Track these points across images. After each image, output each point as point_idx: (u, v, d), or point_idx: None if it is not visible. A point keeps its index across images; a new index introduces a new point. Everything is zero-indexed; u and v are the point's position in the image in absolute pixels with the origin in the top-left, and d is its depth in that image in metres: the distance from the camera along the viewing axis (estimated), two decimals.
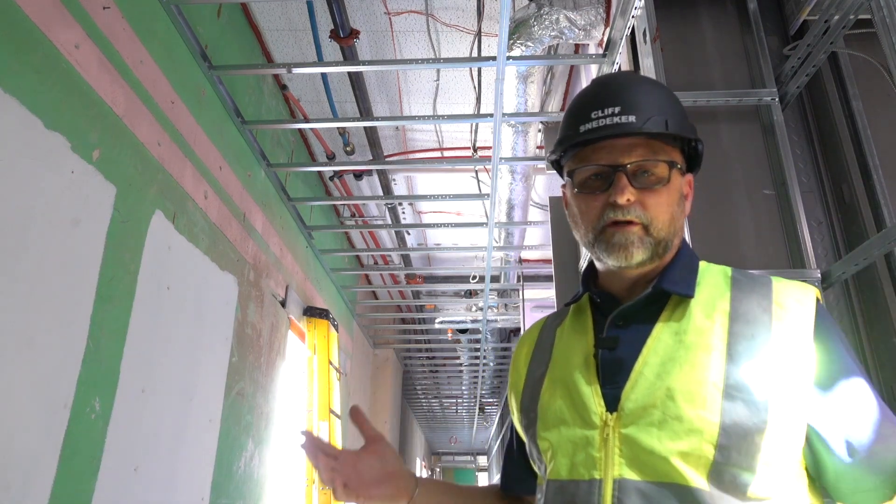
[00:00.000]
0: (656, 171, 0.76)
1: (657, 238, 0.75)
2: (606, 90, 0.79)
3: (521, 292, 5.24)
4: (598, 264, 0.83)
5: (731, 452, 0.65)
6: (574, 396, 0.76)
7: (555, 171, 0.88)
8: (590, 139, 0.77)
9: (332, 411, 4.07)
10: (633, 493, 0.67)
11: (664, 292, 0.76)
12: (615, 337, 0.77)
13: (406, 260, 5.27)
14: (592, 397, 0.74)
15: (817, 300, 0.73)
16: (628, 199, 0.74)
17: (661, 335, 0.73)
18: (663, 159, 0.76)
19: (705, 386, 0.67)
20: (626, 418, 0.70)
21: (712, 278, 0.78)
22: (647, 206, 0.75)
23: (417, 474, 0.94)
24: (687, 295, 0.75)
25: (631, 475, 0.68)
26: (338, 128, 3.57)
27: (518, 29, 2.46)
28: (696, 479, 0.65)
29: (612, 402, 0.72)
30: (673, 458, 0.66)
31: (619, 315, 0.77)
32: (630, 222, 0.75)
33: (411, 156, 4.21)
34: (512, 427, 0.95)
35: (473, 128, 3.80)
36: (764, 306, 0.72)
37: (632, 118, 0.75)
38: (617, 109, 0.75)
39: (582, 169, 0.78)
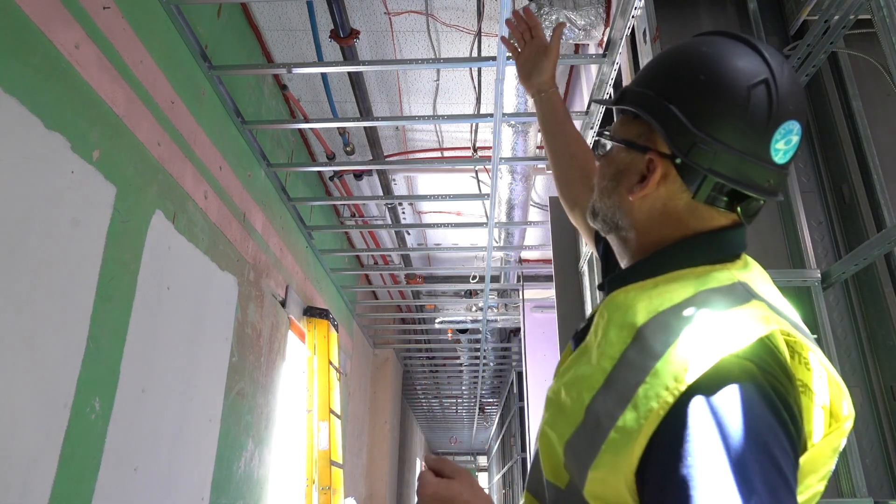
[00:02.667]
0: (605, 143, 0.76)
1: (594, 207, 0.77)
2: None
3: (521, 292, 5.25)
4: None
5: (572, 471, 0.64)
6: (559, 363, 0.81)
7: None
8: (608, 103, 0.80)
9: (332, 411, 4.07)
10: (534, 464, 0.74)
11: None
12: (585, 322, 0.78)
13: (406, 260, 5.27)
14: (558, 375, 0.76)
15: (691, 394, 0.55)
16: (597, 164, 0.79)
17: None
18: (606, 131, 0.77)
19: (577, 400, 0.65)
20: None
21: (672, 292, 0.64)
22: (597, 175, 0.78)
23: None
24: (606, 289, 0.73)
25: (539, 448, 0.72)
26: (338, 128, 3.57)
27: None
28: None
29: None
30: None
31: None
32: None
33: (411, 156, 4.21)
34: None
35: (473, 128, 3.80)
36: (664, 341, 0.59)
37: (621, 90, 0.75)
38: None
39: None
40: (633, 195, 0.70)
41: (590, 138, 2.79)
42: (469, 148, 4.03)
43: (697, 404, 0.54)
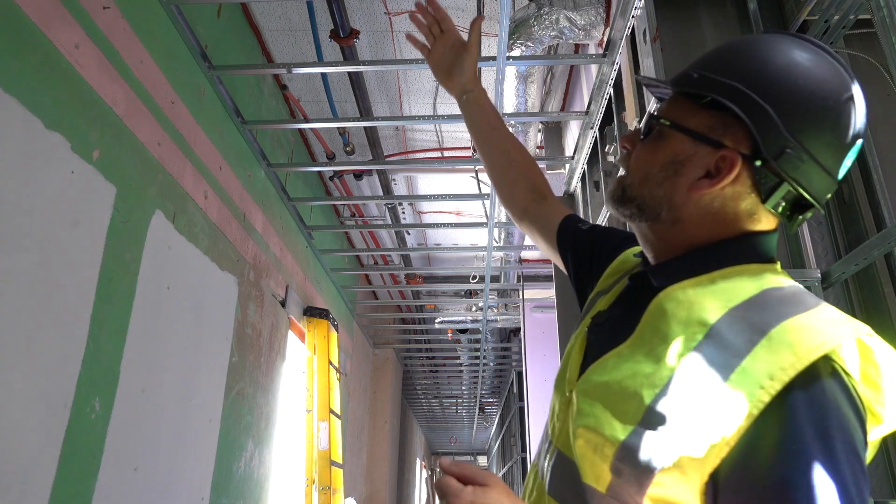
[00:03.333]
0: (658, 125, 0.70)
1: (628, 193, 0.71)
2: None
3: (521, 292, 5.25)
4: None
5: (624, 473, 0.60)
6: (569, 356, 0.76)
7: (553, 172, 0.88)
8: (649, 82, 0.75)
9: (332, 411, 4.07)
10: (558, 464, 0.69)
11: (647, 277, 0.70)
12: (608, 315, 0.74)
13: (406, 260, 5.27)
14: (573, 366, 0.73)
15: (804, 380, 0.53)
16: (623, 146, 0.74)
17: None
18: (667, 116, 0.69)
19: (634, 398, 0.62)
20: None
21: (736, 288, 0.63)
22: (632, 158, 0.72)
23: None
24: (658, 285, 0.68)
25: (562, 448, 0.69)
26: (338, 128, 3.57)
27: (518, 29, 2.46)
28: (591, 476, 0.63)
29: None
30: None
31: (624, 291, 0.74)
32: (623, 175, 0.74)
33: (411, 156, 4.21)
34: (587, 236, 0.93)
35: None
36: (748, 338, 0.57)
37: (683, 73, 0.69)
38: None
39: None
40: (694, 190, 0.66)
41: (589, 138, 2.79)
42: (469, 148, 4.03)
43: (793, 404, 0.53)
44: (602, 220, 2.69)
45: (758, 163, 0.63)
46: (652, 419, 0.58)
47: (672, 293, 0.65)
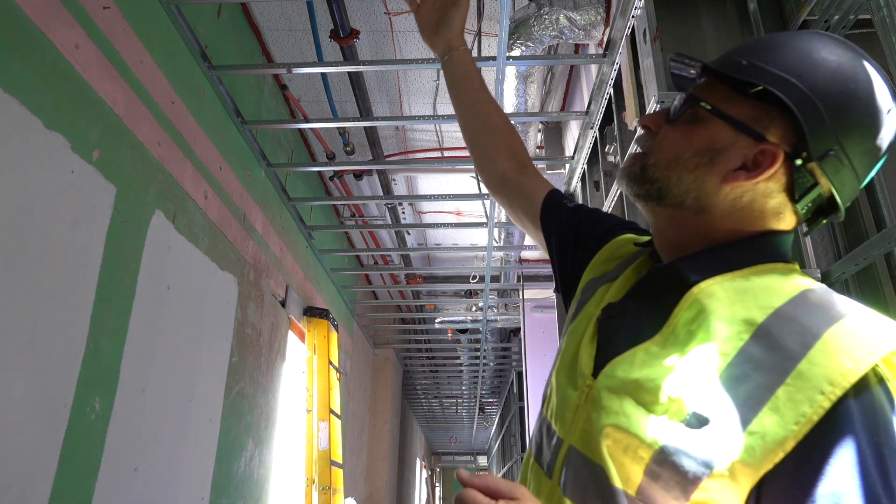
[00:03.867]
0: (693, 108, 0.66)
1: (648, 173, 0.68)
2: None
3: (521, 292, 5.25)
4: None
5: (662, 477, 0.57)
6: (578, 347, 0.72)
7: (553, 172, 0.84)
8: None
9: (332, 411, 4.07)
10: (574, 464, 0.65)
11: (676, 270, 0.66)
12: (623, 307, 0.70)
13: (406, 260, 5.27)
14: (585, 358, 0.69)
15: (856, 393, 0.52)
16: (645, 125, 0.69)
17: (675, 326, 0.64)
18: (708, 100, 0.65)
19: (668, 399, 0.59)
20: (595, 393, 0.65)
21: (774, 287, 0.61)
22: (658, 139, 0.69)
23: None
24: (691, 279, 0.64)
25: (579, 446, 0.65)
26: (338, 128, 3.57)
27: (518, 29, 2.46)
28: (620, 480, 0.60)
29: (598, 371, 0.67)
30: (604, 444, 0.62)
31: (641, 282, 0.70)
32: (642, 154, 0.69)
33: (411, 156, 4.21)
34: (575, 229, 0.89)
35: None
36: (801, 341, 0.56)
37: (727, 59, 0.65)
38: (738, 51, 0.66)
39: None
40: (728, 181, 0.63)
41: (589, 138, 2.79)
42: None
43: (848, 412, 0.51)
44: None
45: (798, 161, 0.61)
46: (697, 422, 0.56)
47: (708, 289, 0.62)
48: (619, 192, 2.52)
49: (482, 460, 21.73)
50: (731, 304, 0.60)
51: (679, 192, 0.66)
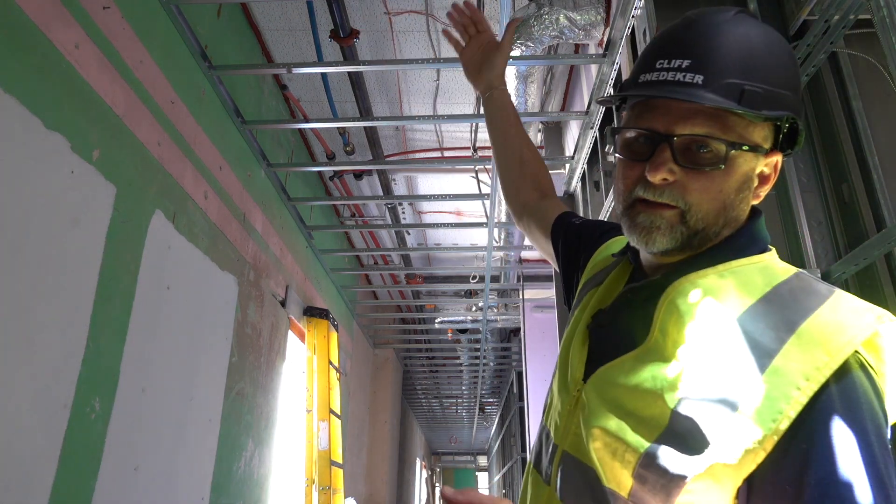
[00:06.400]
0: (713, 148, 0.60)
1: (693, 228, 0.62)
2: (685, 34, 0.63)
3: (521, 292, 5.25)
4: None
5: (649, 480, 0.57)
6: (569, 354, 0.73)
7: (553, 172, 0.85)
8: (642, 94, 0.63)
9: (332, 411, 4.07)
10: (568, 468, 0.66)
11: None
12: (612, 315, 0.70)
13: (406, 260, 5.27)
14: (576, 364, 0.69)
15: (846, 370, 0.52)
16: (664, 179, 0.61)
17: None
18: (725, 137, 0.60)
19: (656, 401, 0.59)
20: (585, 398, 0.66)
21: (747, 282, 0.61)
22: (689, 190, 0.61)
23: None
24: (670, 280, 0.65)
25: (572, 450, 0.66)
26: (338, 128, 3.57)
27: (518, 29, 2.46)
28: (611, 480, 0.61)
29: (589, 376, 0.68)
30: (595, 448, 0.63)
31: (628, 291, 0.70)
32: (663, 205, 0.62)
33: (411, 156, 4.21)
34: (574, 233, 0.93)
35: (473, 128, 3.80)
36: (775, 336, 0.55)
37: (699, 78, 0.59)
38: (685, 63, 0.60)
39: (627, 129, 0.65)
40: (757, 199, 0.66)
41: (589, 138, 2.79)
42: (469, 148, 4.02)
43: (829, 402, 0.51)
44: (602, 218, 2.69)
45: (782, 157, 0.65)
46: (678, 425, 0.56)
47: (681, 287, 0.63)
48: None
49: (482, 460, 21.73)
50: (704, 305, 0.60)
51: (717, 230, 0.64)
